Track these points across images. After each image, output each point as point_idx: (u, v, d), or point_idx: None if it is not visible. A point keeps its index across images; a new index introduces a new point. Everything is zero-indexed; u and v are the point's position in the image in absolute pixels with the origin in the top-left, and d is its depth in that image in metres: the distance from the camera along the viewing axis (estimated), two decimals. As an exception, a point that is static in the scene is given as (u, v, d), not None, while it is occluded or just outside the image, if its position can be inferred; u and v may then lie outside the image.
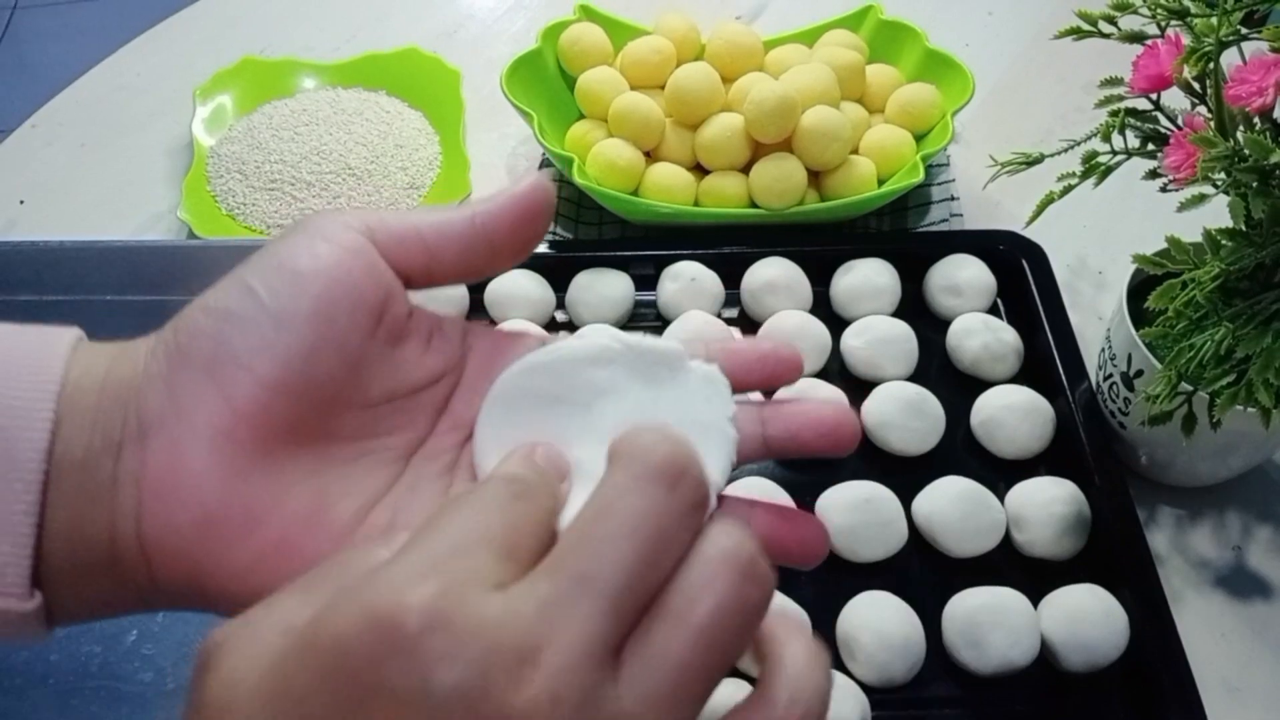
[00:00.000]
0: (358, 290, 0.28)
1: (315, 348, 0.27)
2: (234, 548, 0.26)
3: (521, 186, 0.30)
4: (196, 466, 0.26)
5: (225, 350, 0.27)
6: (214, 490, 0.26)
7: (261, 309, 0.27)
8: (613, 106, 0.65)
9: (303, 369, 0.27)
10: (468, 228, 0.30)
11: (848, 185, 0.63)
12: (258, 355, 0.27)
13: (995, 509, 0.51)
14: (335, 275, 0.28)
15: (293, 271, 0.28)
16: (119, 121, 0.78)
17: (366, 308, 0.28)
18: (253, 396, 0.26)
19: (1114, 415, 0.53)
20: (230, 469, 0.26)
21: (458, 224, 0.30)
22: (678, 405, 0.30)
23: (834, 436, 0.30)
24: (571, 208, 0.68)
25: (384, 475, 0.29)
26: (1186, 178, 0.42)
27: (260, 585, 0.26)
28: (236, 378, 0.26)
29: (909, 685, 0.46)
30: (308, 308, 0.27)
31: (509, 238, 0.30)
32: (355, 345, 0.28)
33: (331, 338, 0.27)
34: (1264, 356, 0.41)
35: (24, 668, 0.49)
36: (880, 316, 0.58)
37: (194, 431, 0.26)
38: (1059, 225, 0.56)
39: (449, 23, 0.85)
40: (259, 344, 0.27)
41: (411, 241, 0.30)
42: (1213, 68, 0.42)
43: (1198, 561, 0.53)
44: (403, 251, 0.29)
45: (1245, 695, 0.48)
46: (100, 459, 0.26)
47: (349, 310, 0.28)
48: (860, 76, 0.67)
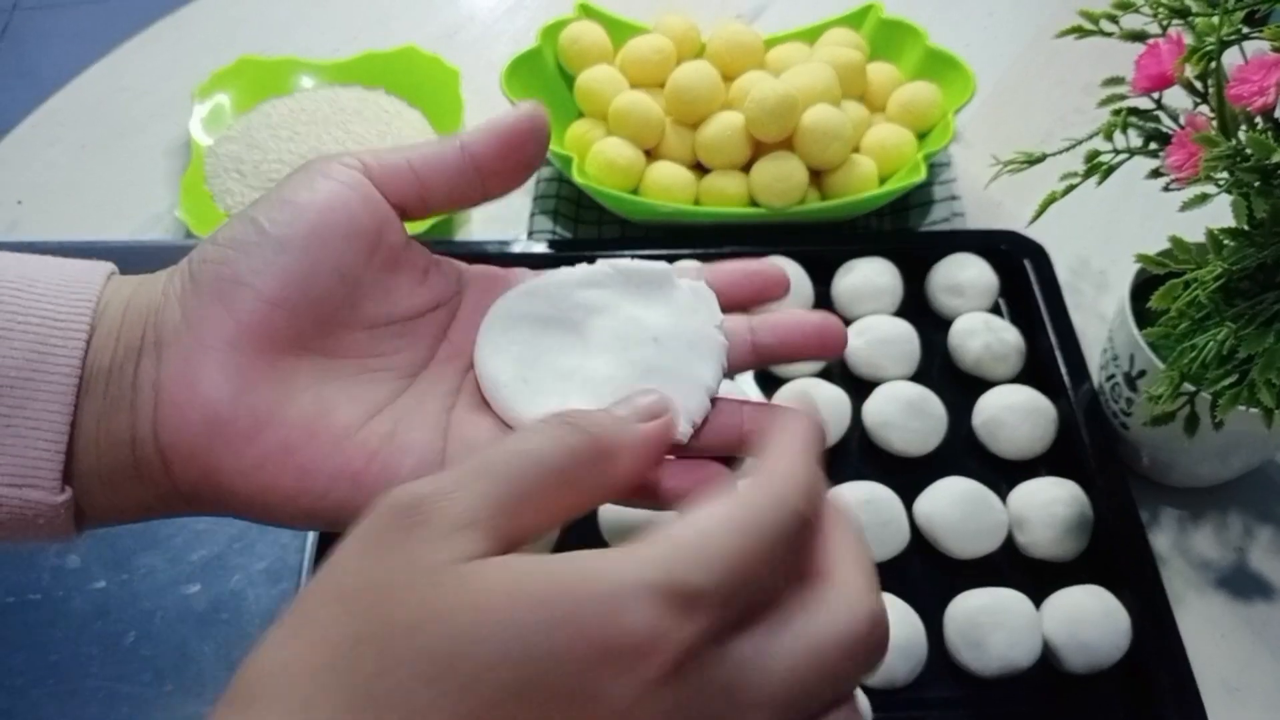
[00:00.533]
0: (352, 218, 0.31)
1: (313, 268, 0.30)
2: (241, 449, 0.29)
3: (510, 112, 0.32)
4: (206, 374, 0.29)
5: (230, 271, 0.29)
6: (222, 395, 0.29)
7: (263, 235, 0.30)
8: (612, 105, 0.65)
9: (301, 286, 0.30)
10: (456, 156, 0.32)
11: (849, 184, 0.63)
12: (259, 275, 0.29)
13: (997, 510, 0.51)
14: (330, 204, 0.31)
15: (292, 203, 0.31)
16: (118, 122, 0.78)
17: (361, 234, 0.31)
18: (255, 310, 0.29)
19: (1116, 416, 0.53)
20: (237, 376, 0.29)
21: (447, 153, 0.32)
22: (667, 318, 0.32)
23: (820, 338, 0.33)
24: (571, 207, 0.68)
25: (386, 390, 0.31)
26: (1188, 177, 0.42)
27: (266, 484, 0.29)
28: (240, 295, 0.29)
29: (910, 686, 0.46)
30: (304, 232, 0.30)
31: (497, 163, 0.32)
32: (351, 268, 0.31)
33: (327, 260, 0.30)
34: (1266, 357, 0.41)
35: (24, 668, 0.49)
36: (882, 316, 0.58)
37: (203, 343, 0.29)
38: (1061, 225, 0.56)
39: (449, 24, 0.85)
40: (260, 265, 0.29)
41: (403, 173, 0.32)
42: (1214, 67, 0.42)
43: (1199, 562, 0.52)
44: (396, 183, 0.32)
45: (1246, 696, 0.48)
46: (124, 366, 0.29)
47: (343, 235, 0.31)
48: (861, 75, 0.67)
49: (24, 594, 0.52)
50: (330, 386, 0.30)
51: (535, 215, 0.68)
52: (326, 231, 0.30)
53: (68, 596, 0.51)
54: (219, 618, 0.51)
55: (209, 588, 0.52)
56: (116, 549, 0.53)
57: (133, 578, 0.52)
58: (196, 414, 0.29)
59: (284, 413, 0.29)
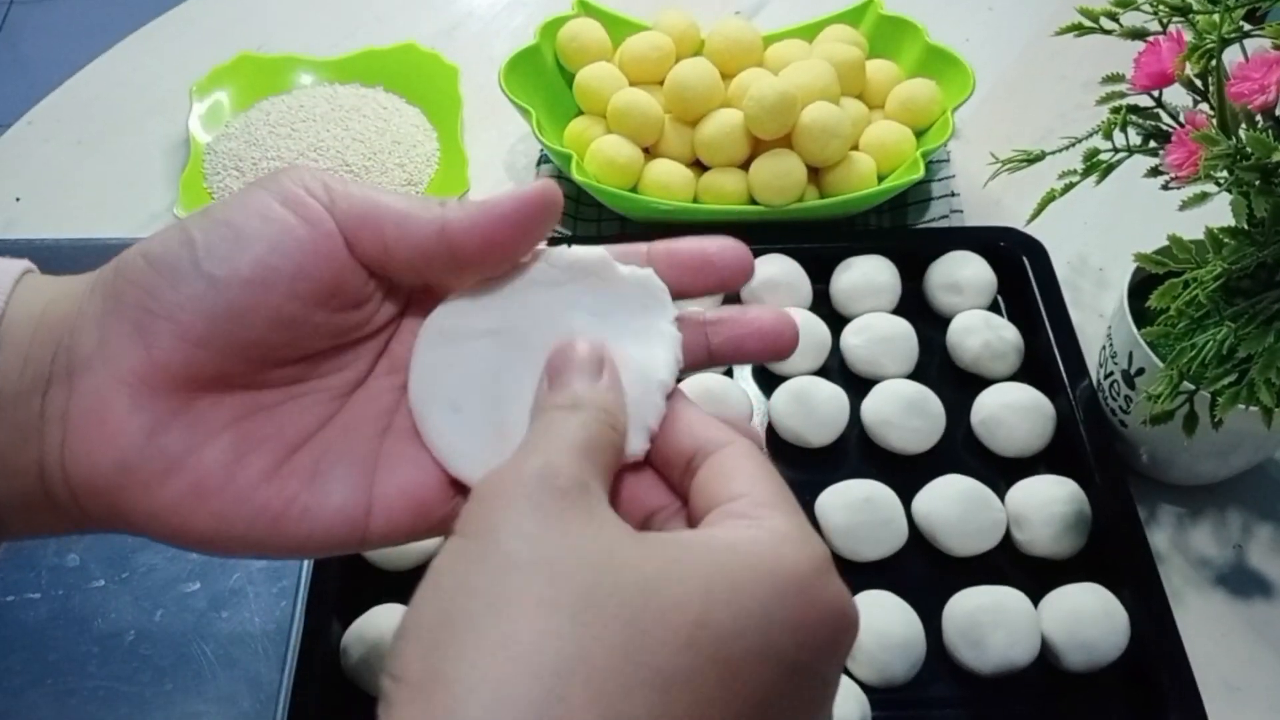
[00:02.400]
0: (305, 262, 0.27)
1: (246, 311, 0.27)
2: (151, 492, 0.27)
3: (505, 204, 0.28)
4: (116, 413, 0.26)
5: (154, 301, 0.27)
6: (132, 437, 0.27)
7: (195, 265, 0.27)
8: (611, 103, 0.65)
9: (229, 329, 0.27)
10: (433, 237, 0.28)
11: (847, 182, 0.63)
12: (184, 310, 0.26)
13: (995, 508, 0.51)
14: (281, 242, 0.27)
15: (237, 230, 0.27)
16: (116, 118, 0.78)
17: (311, 280, 0.27)
18: (175, 349, 0.27)
19: (1115, 414, 0.53)
20: (149, 417, 0.27)
21: (424, 228, 0.28)
22: (615, 317, 0.30)
23: (775, 343, 0.32)
24: (570, 204, 0.68)
25: (316, 415, 0.29)
26: (1188, 176, 0.42)
27: (179, 526, 0.27)
28: (160, 330, 0.26)
29: (909, 685, 0.46)
30: (245, 272, 0.27)
31: (476, 255, 0.29)
32: (292, 314, 0.28)
33: (266, 304, 0.27)
34: (1266, 356, 0.41)
35: (22, 668, 0.49)
36: (880, 314, 0.58)
37: (117, 378, 0.26)
38: (1060, 222, 0.56)
39: (448, 20, 0.85)
40: (186, 299, 0.26)
41: (370, 229, 0.28)
42: (1215, 65, 0.42)
43: (1198, 560, 0.53)
44: (360, 235, 0.28)
45: (1246, 694, 0.48)
46: (30, 396, 0.27)
47: (289, 279, 0.27)
48: (860, 72, 0.67)
49: (23, 593, 0.52)
50: (252, 421, 0.28)
51: (534, 213, 0.67)
52: (269, 274, 0.27)
53: (67, 595, 0.51)
54: (219, 616, 0.51)
55: (209, 586, 0.52)
56: (116, 548, 0.53)
57: (132, 576, 0.52)
58: (105, 454, 0.26)
59: (198, 456, 0.27)
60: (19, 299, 0.28)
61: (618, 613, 0.22)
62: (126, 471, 0.27)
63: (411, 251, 0.28)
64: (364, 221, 0.28)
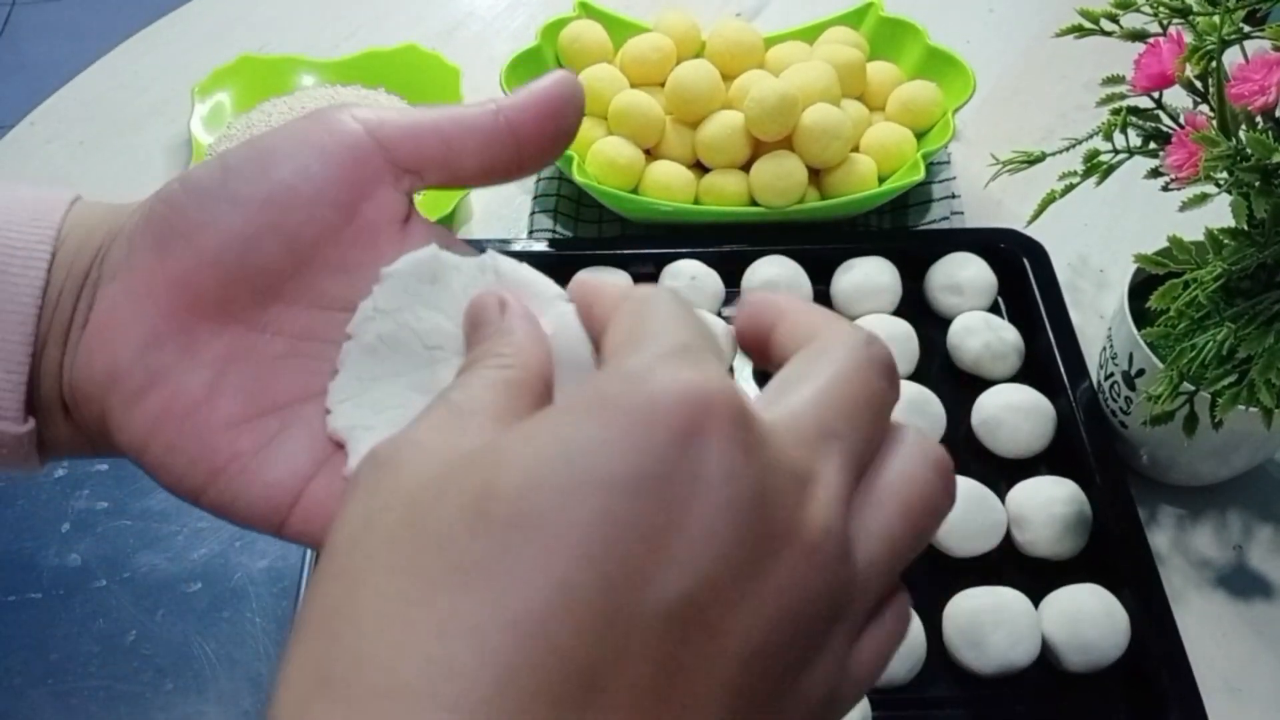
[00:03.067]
0: (328, 184, 0.27)
1: (259, 233, 0.27)
2: (129, 407, 0.27)
3: (546, 79, 0.29)
4: (119, 321, 0.27)
5: (177, 218, 0.27)
6: (126, 346, 0.27)
7: (222, 184, 0.27)
8: (612, 104, 0.65)
9: (241, 251, 0.27)
10: (490, 120, 0.28)
11: (848, 183, 0.63)
12: (202, 229, 0.27)
13: (996, 508, 0.51)
14: (305, 163, 0.27)
15: (265, 152, 0.28)
16: (118, 119, 0.78)
17: (332, 204, 0.28)
18: (184, 266, 0.27)
19: (1115, 414, 0.53)
20: (146, 330, 0.27)
21: (480, 116, 0.28)
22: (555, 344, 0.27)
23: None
24: (571, 206, 0.68)
25: (309, 385, 0.28)
26: (1188, 177, 0.42)
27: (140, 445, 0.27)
28: (177, 247, 0.27)
29: (909, 685, 0.46)
30: (264, 192, 0.27)
31: (535, 132, 0.29)
32: (308, 240, 0.28)
33: (281, 227, 0.27)
34: (1266, 357, 0.41)
35: (23, 668, 0.49)
36: (881, 315, 0.58)
37: (129, 289, 0.27)
38: (1060, 223, 0.56)
39: (449, 21, 0.85)
40: (207, 218, 0.27)
41: (426, 133, 0.28)
42: (1215, 66, 0.42)
43: (1199, 561, 0.53)
44: (414, 144, 0.28)
45: (1246, 695, 0.48)
46: (67, 301, 0.28)
47: (309, 202, 0.27)
48: (861, 74, 0.67)
49: (24, 593, 0.52)
50: (243, 364, 0.28)
51: (535, 214, 0.68)
52: (289, 195, 0.27)
53: (68, 595, 0.51)
54: (220, 616, 0.51)
55: (210, 586, 0.52)
56: (117, 547, 0.53)
57: (133, 576, 0.52)
58: (101, 359, 0.27)
59: (177, 380, 0.27)
60: (75, 216, 0.29)
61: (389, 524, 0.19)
62: (114, 379, 0.27)
63: (477, 143, 0.28)
64: (418, 128, 0.28)
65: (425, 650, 0.17)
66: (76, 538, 0.53)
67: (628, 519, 0.18)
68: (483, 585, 0.18)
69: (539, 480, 0.18)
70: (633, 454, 0.19)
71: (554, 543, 0.18)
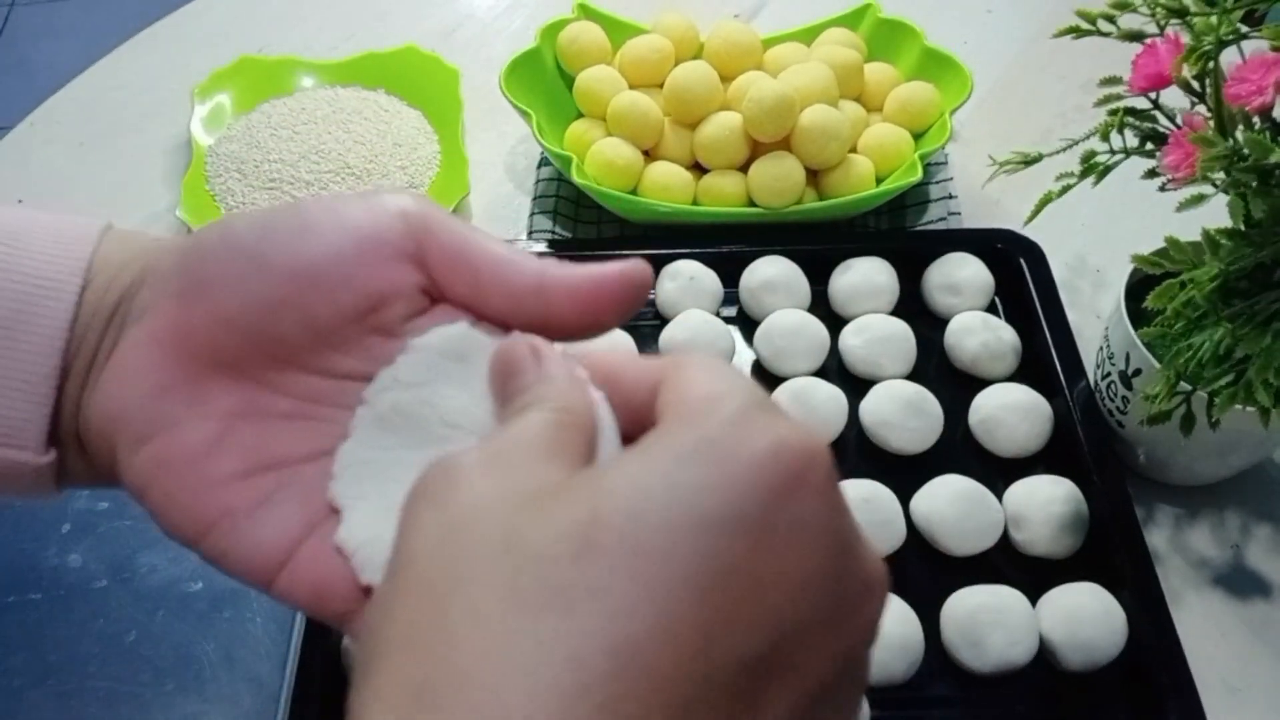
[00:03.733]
0: (355, 276, 0.27)
1: (281, 306, 0.27)
2: (133, 450, 0.27)
3: (615, 270, 0.28)
4: (136, 366, 0.27)
5: (205, 271, 0.28)
6: (134, 391, 0.27)
7: (256, 246, 0.27)
8: (611, 105, 0.65)
9: (260, 318, 0.27)
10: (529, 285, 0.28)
11: (846, 184, 0.63)
12: (227, 288, 0.27)
13: (994, 508, 0.51)
14: (341, 247, 0.27)
15: (306, 225, 0.28)
16: (117, 120, 0.78)
17: (353, 294, 0.28)
18: (201, 322, 0.27)
19: (1112, 414, 0.53)
20: (158, 378, 0.27)
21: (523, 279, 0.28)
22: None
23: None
24: (570, 207, 0.68)
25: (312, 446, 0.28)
26: (1185, 177, 0.42)
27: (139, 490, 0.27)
28: (200, 299, 0.27)
29: (908, 685, 0.46)
30: (294, 265, 0.27)
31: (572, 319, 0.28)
32: (326, 320, 0.28)
33: (302, 305, 0.27)
34: (1263, 356, 0.41)
35: (23, 668, 0.49)
36: (879, 315, 0.58)
37: (150, 334, 0.28)
38: (1057, 224, 0.56)
39: (448, 22, 0.85)
40: (233, 277, 0.27)
41: (465, 266, 0.28)
42: (1212, 67, 0.42)
43: (1196, 560, 0.53)
44: (447, 269, 0.28)
45: (1244, 694, 0.48)
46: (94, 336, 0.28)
47: (332, 288, 0.27)
48: (858, 75, 0.67)
49: (24, 593, 0.52)
50: (247, 422, 0.28)
51: (534, 215, 0.68)
52: (315, 276, 0.27)
53: (68, 595, 0.51)
54: (220, 616, 0.51)
55: (210, 586, 0.52)
56: (117, 548, 0.53)
57: (134, 576, 0.52)
58: (113, 401, 0.28)
59: (180, 431, 0.27)
60: (106, 248, 0.29)
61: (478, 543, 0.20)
62: (122, 421, 0.27)
63: (505, 299, 0.28)
64: (460, 257, 0.28)
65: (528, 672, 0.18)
66: (76, 538, 0.53)
67: (731, 560, 0.19)
68: (585, 611, 0.18)
69: (647, 515, 0.19)
70: (739, 499, 0.20)
71: (660, 576, 0.19)
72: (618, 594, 0.18)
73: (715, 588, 0.19)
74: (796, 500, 0.20)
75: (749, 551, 0.19)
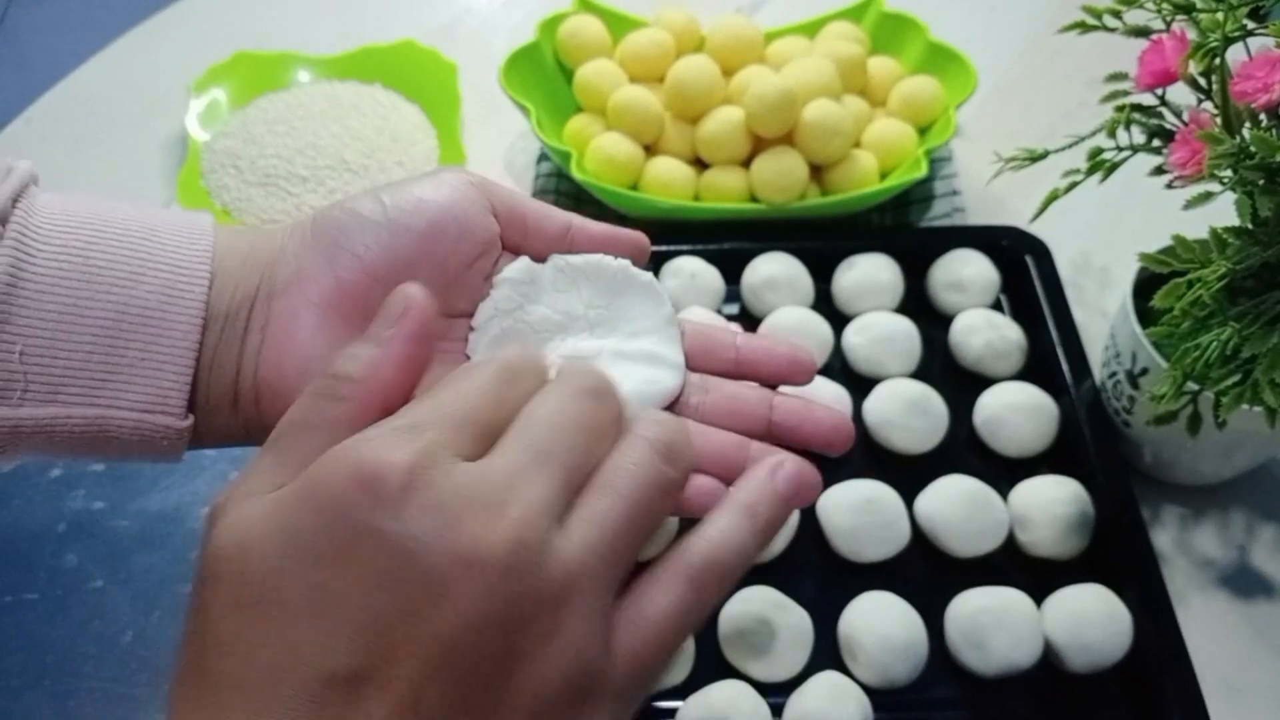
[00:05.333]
0: (467, 225, 0.35)
1: (418, 257, 0.34)
2: None
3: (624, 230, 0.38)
4: (304, 327, 0.33)
5: (346, 238, 0.34)
6: (314, 345, 0.33)
7: (384, 215, 0.34)
8: (611, 100, 0.64)
9: (404, 269, 0.34)
10: (559, 233, 0.37)
11: (849, 180, 0.63)
12: (369, 249, 0.34)
13: (998, 508, 0.50)
14: (450, 208, 0.35)
15: (418, 197, 0.35)
16: (113, 116, 0.77)
17: (471, 240, 0.35)
18: (357, 279, 0.34)
19: (1118, 414, 0.53)
20: (329, 331, 0.33)
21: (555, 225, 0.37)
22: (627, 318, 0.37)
23: (829, 439, 0.35)
24: (570, 203, 0.68)
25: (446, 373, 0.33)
26: (1192, 175, 0.42)
27: None
28: (347, 261, 0.34)
29: (911, 687, 0.46)
30: (422, 225, 0.34)
31: None
32: (453, 266, 0.35)
33: (434, 254, 0.34)
34: (1270, 356, 0.40)
35: (19, 669, 0.49)
36: (882, 313, 0.58)
37: (307, 299, 0.34)
38: (1063, 221, 0.55)
39: (446, 16, 0.85)
40: (373, 241, 0.34)
41: (517, 217, 0.37)
42: (1219, 63, 0.41)
43: (1202, 561, 0.52)
44: (509, 219, 0.37)
45: (1248, 696, 0.48)
46: (240, 311, 0.34)
47: (454, 238, 0.35)
48: (862, 69, 0.67)
49: (21, 593, 0.51)
50: None
51: (534, 211, 0.67)
52: (440, 230, 0.35)
53: (65, 596, 0.51)
54: (216, 617, 0.50)
55: (206, 587, 0.51)
56: (114, 548, 0.53)
57: (130, 577, 0.52)
58: (290, 360, 0.33)
59: None
60: (223, 237, 0.35)
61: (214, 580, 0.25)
62: (305, 374, 0.33)
63: (542, 242, 0.37)
64: (512, 211, 0.37)
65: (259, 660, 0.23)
66: (73, 538, 0.53)
67: (310, 588, 0.23)
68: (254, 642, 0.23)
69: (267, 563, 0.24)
70: (307, 529, 0.24)
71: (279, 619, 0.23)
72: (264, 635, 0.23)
73: (303, 617, 0.23)
74: (344, 519, 0.24)
75: (320, 575, 0.23)
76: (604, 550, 0.25)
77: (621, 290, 0.38)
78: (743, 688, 0.45)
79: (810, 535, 0.51)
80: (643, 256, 0.38)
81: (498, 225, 0.36)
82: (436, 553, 0.23)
